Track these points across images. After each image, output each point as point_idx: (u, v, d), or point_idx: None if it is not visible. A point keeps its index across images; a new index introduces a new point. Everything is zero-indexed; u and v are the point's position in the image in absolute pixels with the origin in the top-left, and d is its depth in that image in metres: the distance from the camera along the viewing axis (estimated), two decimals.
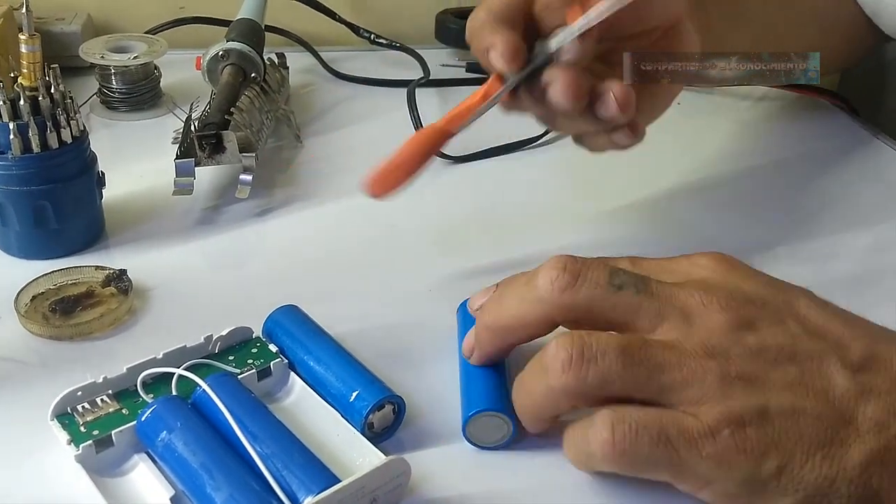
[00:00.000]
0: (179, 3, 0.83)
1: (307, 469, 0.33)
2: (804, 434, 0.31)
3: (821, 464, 0.31)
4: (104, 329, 0.44)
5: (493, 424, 0.37)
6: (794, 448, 0.31)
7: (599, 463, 0.33)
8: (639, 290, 0.34)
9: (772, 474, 0.31)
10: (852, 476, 0.31)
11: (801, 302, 0.35)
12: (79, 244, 0.50)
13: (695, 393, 0.32)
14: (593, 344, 0.32)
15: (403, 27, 0.87)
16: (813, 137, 0.70)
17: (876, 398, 0.31)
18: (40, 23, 0.73)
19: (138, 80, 0.69)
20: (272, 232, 0.54)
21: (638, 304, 0.34)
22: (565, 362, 0.32)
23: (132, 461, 0.36)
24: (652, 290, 0.34)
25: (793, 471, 0.31)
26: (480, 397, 0.38)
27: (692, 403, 0.32)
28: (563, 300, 0.34)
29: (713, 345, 0.32)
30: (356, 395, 0.37)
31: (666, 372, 0.32)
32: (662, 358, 0.32)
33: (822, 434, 0.31)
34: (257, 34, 0.67)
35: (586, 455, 0.33)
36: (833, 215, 0.58)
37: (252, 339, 0.41)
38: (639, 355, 0.32)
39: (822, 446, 0.31)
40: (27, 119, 0.46)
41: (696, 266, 0.36)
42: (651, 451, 0.31)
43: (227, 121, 0.56)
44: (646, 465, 0.32)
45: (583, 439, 0.33)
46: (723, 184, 0.61)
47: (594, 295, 0.34)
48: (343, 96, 0.75)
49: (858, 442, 0.31)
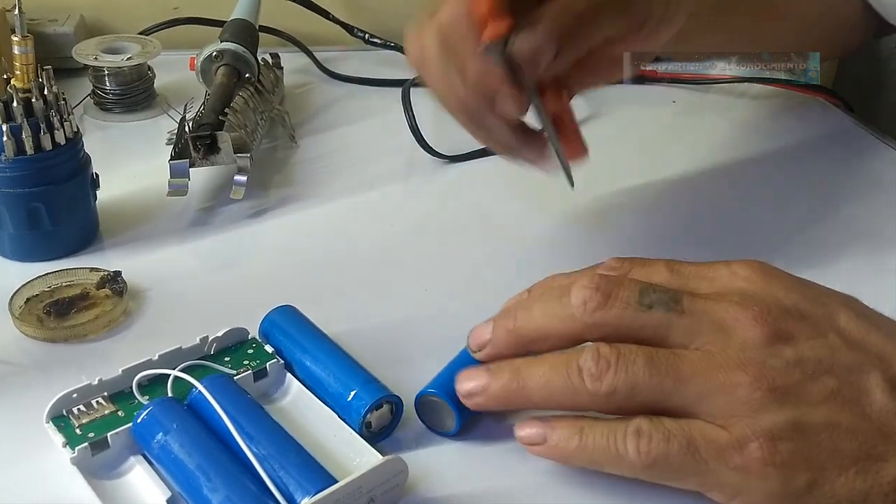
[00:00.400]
0: (173, 4, 0.83)
1: (304, 470, 0.33)
2: (838, 449, 0.31)
3: (854, 478, 0.30)
4: (99, 331, 0.44)
5: (443, 412, 0.37)
6: (826, 462, 0.31)
7: (628, 469, 0.33)
8: (669, 308, 0.33)
9: (802, 488, 0.30)
10: (887, 490, 0.30)
11: (842, 314, 0.34)
12: (73, 246, 0.50)
13: (724, 404, 0.31)
14: (625, 353, 0.33)
15: (398, 27, 0.86)
16: (808, 135, 0.70)
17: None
18: (33, 24, 0.73)
19: (132, 82, 0.69)
20: (267, 233, 0.54)
21: (668, 322, 0.33)
22: (604, 370, 0.33)
23: (128, 463, 0.36)
24: (683, 307, 0.34)
25: (824, 485, 0.30)
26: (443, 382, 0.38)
27: (722, 416, 0.32)
28: (594, 319, 0.34)
29: (746, 358, 0.32)
30: (354, 395, 0.37)
31: (693, 382, 0.32)
32: (691, 368, 0.32)
33: (856, 449, 0.31)
34: (251, 34, 0.67)
35: (614, 459, 0.33)
36: (828, 213, 0.58)
37: (248, 340, 0.41)
38: (666, 365, 0.32)
39: (856, 461, 0.31)
40: (20, 121, 0.46)
41: (735, 276, 0.36)
42: (681, 460, 0.31)
43: (222, 121, 0.56)
44: (675, 475, 0.32)
45: (612, 444, 0.33)
46: (718, 181, 0.61)
47: (624, 315, 0.34)
48: (338, 96, 0.75)
49: (895, 456, 0.31)
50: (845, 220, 0.57)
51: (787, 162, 0.65)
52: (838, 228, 0.56)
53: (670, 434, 0.32)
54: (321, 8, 0.81)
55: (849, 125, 0.71)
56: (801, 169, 0.64)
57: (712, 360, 0.32)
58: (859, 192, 0.61)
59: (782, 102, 0.74)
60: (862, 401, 0.31)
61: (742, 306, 0.33)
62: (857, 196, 0.61)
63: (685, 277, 0.36)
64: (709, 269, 0.36)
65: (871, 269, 0.35)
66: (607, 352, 0.33)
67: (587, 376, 0.33)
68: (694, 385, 0.32)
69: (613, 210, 0.57)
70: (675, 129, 0.70)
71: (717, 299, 0.34)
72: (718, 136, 0.69)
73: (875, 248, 0.53)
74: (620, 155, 0.64)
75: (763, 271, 0.36)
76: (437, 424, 0.38)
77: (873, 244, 0.54)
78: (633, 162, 0.64)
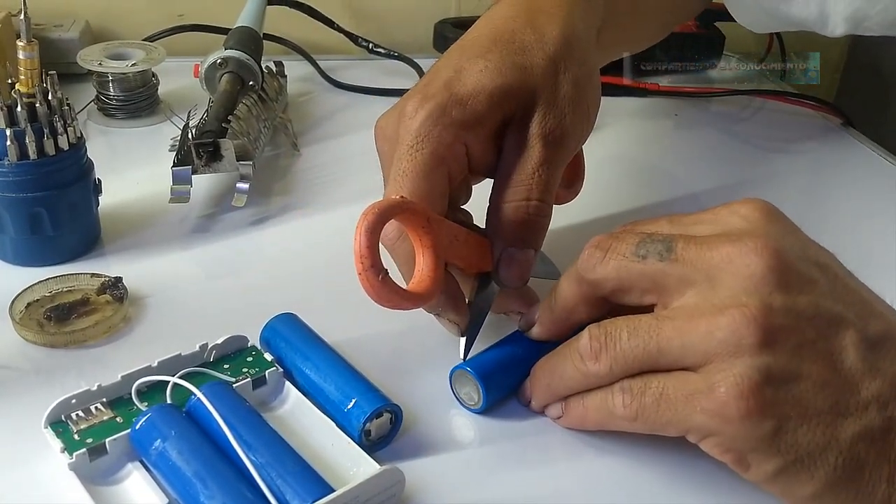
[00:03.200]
0: (178, 11, 0.84)
1: (301, 478, 0.33)
2: (804, 399, 0.31)
3: (815, 430, 0.31)
4: (99, 337, 0.44)
5: (471, 388, 0.40)
6: (791, 412, 0.31)
7: (621, 424, 0.35)
8: (662, 256, 0.34)
9: (768, 434, 0.31)
10: (843, 447, 0.31)
11: (832, 267, 0.34)
12: (74, 251, 0.50)
13: (703, 351, 0.32)
14: (610, 330, 0.35)
15: (402, 36, 0.87)
16: (808, 149, 0.70)
17: (882, 377, 0.32)
18: (38, 29, 0.73)
19: (136, 88, 0.69)
20: (268, 240, 0.54)
21: (662, 271, 0.34)
22: (597, 351, 0.35)
23: (126, 469, 0.36)
24: (677, 254, 0.34)
25: (786, 434, 0.31)
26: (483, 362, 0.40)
27: (703, 362, 0.32)
28: (595, 275, 0.36)
29: (732, 300, 0.32)
30: (354, 403, 0.37)
31: (675, 341, 0.33)
32: (672, 328, 0.33)
33: (822, 402, 0.31)
34: (255, 42, 0.67)
35: (609, 416, 0.36)
36: (827, 227, 0.58)
37: (247, 348, 0.41)
38: (648, 331, 0.34)
39: (819, 413, 0.31)
40: (24, 126, 0.46)
41: (735, 215, 0.36)
42: (656, 409, 0.34)
43: (225, 129, 0.56)
44: (655, 424, 0.34)
45: (606, 404, 0.35)
46: (718, 194, 0.61)
47: (620, 266, 0.35)
48: (341, 105, 0.75)
49: (856, 415, 0.31)
50: (845, 235, 0.57)
51: (787, 175, 0.65)
52: (838, 243, 0.56)
53: (646, 387, 0.34)
54: (326, 17, 0.81)
55: (849, 139, 0.71)
56: (801, 182, 0.65)
57: (695, 311, 0.33)
58: (859, 207, 0.61)
59: (783, 116, 0.75)
60: (835, 356, 0.32)
61: (737, 245, 0.33)
62: (857, 210, 0.61)
63: (685, 225, 0.37)
64: (708, 213, 0.37)
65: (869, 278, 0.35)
66: (597, 332, 0.35)
67: (588, 360, 0.35)
68: (676, 341, 0.33)
69: (615, 221, 0.56)
70: (677, 141, 0.71)
71: (711, 242, 0.34)
72: (719, 150, 0.70)
73: (875, 264, 0.53)
74: (622, 167, 0.64)
75: (764, 210, 0.36)
76: (464, 399, 0.40)
77: (873, 260, 0.54)
78: (634, 174, 0.64)
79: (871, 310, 0.34)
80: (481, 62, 0.41)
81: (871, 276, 0.36)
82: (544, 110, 0.41)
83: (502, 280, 0.41)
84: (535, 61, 0.42)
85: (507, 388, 0.40)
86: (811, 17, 0.59)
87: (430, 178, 0.40)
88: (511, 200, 0.41)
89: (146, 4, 0.84)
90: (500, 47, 0.42)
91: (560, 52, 0.43)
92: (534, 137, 0.41)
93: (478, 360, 0.40)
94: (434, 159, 0.40)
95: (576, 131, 0.42)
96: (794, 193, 0.63)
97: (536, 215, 0.41)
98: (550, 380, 0.38)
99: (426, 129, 0.40)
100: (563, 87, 0.42)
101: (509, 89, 0.41)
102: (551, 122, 0.41)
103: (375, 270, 0.34)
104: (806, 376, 0.31)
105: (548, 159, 0.41)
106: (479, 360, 0.40)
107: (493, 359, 0.40)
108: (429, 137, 0.40)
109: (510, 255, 0.41)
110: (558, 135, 0.41)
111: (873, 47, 0.67)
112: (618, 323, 0.35)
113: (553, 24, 0.44)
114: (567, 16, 0.45)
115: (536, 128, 0.41)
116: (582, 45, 0.44)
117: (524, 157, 0.41)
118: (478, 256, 0.41)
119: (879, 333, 0.33)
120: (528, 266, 0.42)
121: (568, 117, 0.42)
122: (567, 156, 0.43)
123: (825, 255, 0.35)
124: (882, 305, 0.34)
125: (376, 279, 0.34)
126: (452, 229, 0.39)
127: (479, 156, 0.42)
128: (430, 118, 0.40)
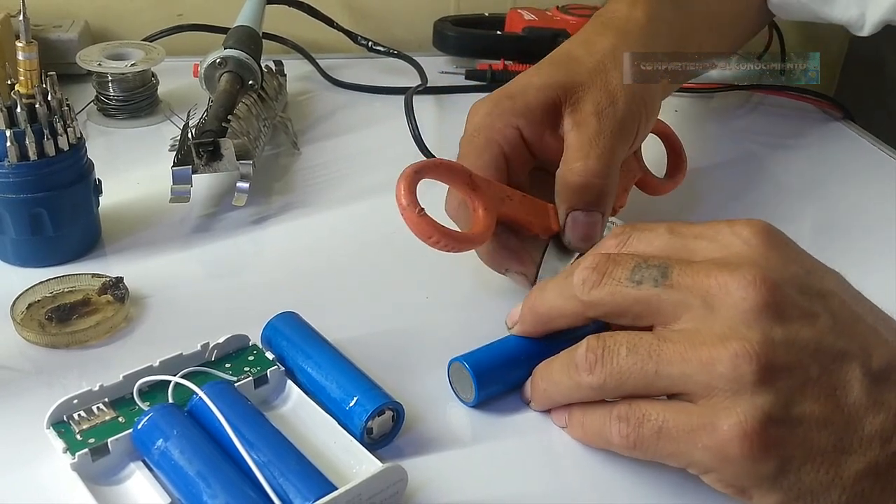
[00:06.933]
0: (177, 11, 0.84)
1: (303, 477, 0.33)
2: (808, 439, 0.31)
3: (819, 469, 0.31)
4: (100, 337, 0.44)
5: (465, 382, 0.40)
6: (795, 452, 0.31)
7: (619, 451, 0.35)
8: (657, 282, 0.34)
9: (770, 474, 0.31)
10: (846, 484, 0.31)
11: (836, 296, 0.33)
12: (75, 252, 0.50)
13: (704, 382, 0.32)
14: (609, 344, 0.34)
15: (401, 34, 0.87)
16: (809, 143, 0.70)
17: (886, 411, 0.31)
18: (37, 30, 0.73)
19: (135, 88, 0.69)
20: (269, 240, 0.54)
21: (657, 297, 0.34)
22: (592, 363, 0.34)
23: (128, 469, 0.36)
24: (672, 280, 0.34)
25: (790, 474, 0.31)
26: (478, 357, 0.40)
27: (703, 393, 0.32)
28: (591, 298, 0.36)
29: (731, 331, 0.32)
30: (356, 401, 0.37)
31: (674, 364, 0.32)
32: (673, 350, 0.33)
33: (825, 440, 0.31)
34: (255, 41, 0.67)
35: (606, 443, 0.36)
36: (827, 220, 0.58)
37: (248, 347, 0.41)
38: (648, 350, 0.33)
39: (823, 452, 0.31)
40: (24, 126, 0.46)
41: (736, 237, 0.35)
42: (654, 443, 0.33)
43: (225, 128, 0.56)
44: (654, 455, 0.34)
45: (603, 430, 0.35)
46: (719, 189, 0.61)
47: (615, 291, 0.35)
48: (341, 104, 0.75)
49: (860, 452, 0.31)
50: (845, 229, 0.57)
51: (788, 169, 0.65)
52: (837, 237, 0.56)
53: (644, 419, 0.33)
54: (325, 15, 0.81)
55: (848, 133, 0.71)
56: (802, 176, 0.65)
57: (696, 337, 0.32)
58: (860, 200, 0.61)
59: (783, 111, 0.75)
60: (839, 392, 0.31)
61: (734, 275, 0.32)
62: (857, 204, 0.61)
63: (685, 238, 0.36)
64: (709, 229, 0.36)
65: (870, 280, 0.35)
66: (594, 344, 0.35)
67: (582, 371, 0.35)
68: (676, 367, 0.32)
69: (616, 219, 0.57)
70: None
71: (707, 269, 0.33)
72: (720, 145, 0.69)
73: (875, 257, 0.53)
74: None
75: (764, 235, 0.35)
76: (459, 392, 0.40)
77: (873, 253, 0.54)
78: None
79: (875, 339, 0.33)
80: (533, 70, 0.49)
81: (871, 270, 0.36)
82: (595, 94, 0.47)
83: (569, 242, 0.45)
84: (583, 63, 0.48)
85: (502, 384, 0.40)
86: (850, 20, 0.64)
87: (482, 155, 0.45)
88: (570, 165, 0.45)
89: (145, 4, 0.84)
90: (554, 61, 0.50)
91: (608, 56, 0.48)
92: (588, 114, 0.46)
93: (474, 354, 0.40)
94: (487, 141, 0.46)
95: (630, 110, 0.47)
96: (795, 187, 0.63)
97: (595, 177, 0.45)
98: (547, 385, 0.38)
99: (482, 120, 0.46)
100: (612, 78, 0.47)
101: (554, 82, 0.47)
102: (603, 101, 0.46)
103: (413, 206, 0.40)
104: (809, 415, 0.31)
105: (602, 130, 0.45)
106: (474, 355, 0.40)
107: (488, 354, 0.40)
108: (483, 126, 0.46)
109: (574, 218, 0.45)
110: (610, 112, 0.46)
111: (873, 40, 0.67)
112: (618, 338, 0.34)
113: (605, 39, 0.50)
114: (622, 34, 0.50)
115: (589, 106, 0.46)
116: None
117: (581, 131, 0.46)
118: (539, 217, 0.45)
119: (884, 365, 0.32)
120: (594, 228, 0.45)
121: (620, 100, 0.47)
122: (622, 130, 0.46)
123: (830, 279, 0.35)
124: (888, 330, 0.34)
125: (414, 213, 0.40)
126: (504, 190, 0.44)
127: (535, 140, 0.46)
128: (486, 112, 0.47)
